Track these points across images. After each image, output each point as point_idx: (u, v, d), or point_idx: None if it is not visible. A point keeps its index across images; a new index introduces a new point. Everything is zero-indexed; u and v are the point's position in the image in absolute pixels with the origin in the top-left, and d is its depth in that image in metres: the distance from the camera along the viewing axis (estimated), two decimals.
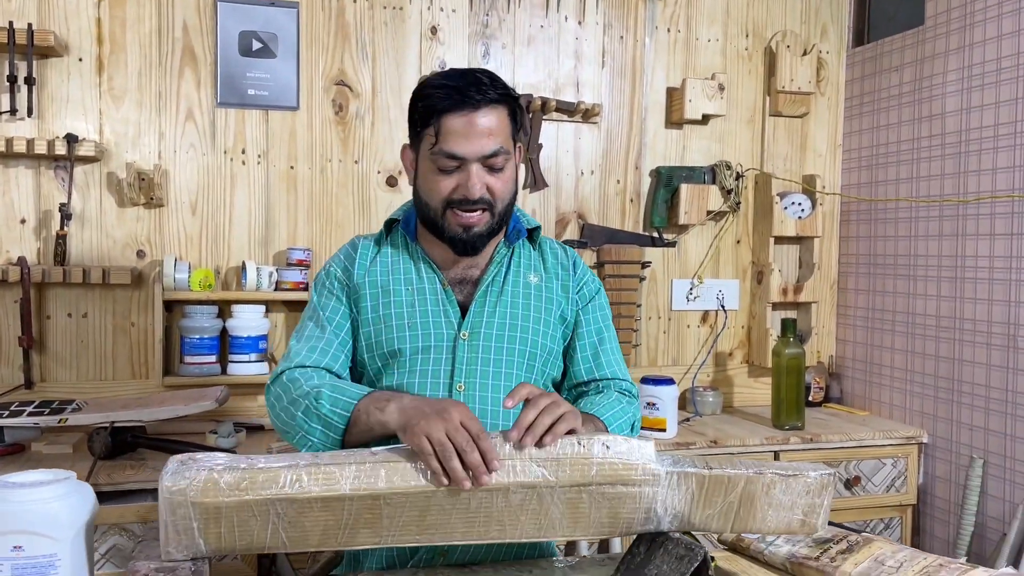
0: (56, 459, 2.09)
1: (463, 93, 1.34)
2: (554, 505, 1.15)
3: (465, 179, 1.35)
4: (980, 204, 2.41)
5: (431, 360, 1.40)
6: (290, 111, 2.52)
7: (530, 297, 1.47)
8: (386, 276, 1.46)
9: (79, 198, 2.37)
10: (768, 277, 2.86)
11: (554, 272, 1.52)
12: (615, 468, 1.14)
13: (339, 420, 1.26)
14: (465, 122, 1.33)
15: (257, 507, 1.07)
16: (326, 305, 1.46)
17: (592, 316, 1.54)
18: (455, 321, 1.42)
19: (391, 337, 1.41)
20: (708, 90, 2.77)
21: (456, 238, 1.39)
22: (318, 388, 1.30)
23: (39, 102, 2.32)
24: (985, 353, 2.39)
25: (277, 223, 2.53)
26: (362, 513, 1.10)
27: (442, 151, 1.35)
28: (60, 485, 1.10)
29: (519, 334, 1.44)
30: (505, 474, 1.12)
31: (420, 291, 1.44)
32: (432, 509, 1.11)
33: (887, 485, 2.57)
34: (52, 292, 2.37)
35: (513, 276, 1.48)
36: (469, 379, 1.40)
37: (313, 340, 1.43)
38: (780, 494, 1.22)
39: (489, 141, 1.35)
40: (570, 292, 1.53)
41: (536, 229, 1.54)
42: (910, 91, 2.68)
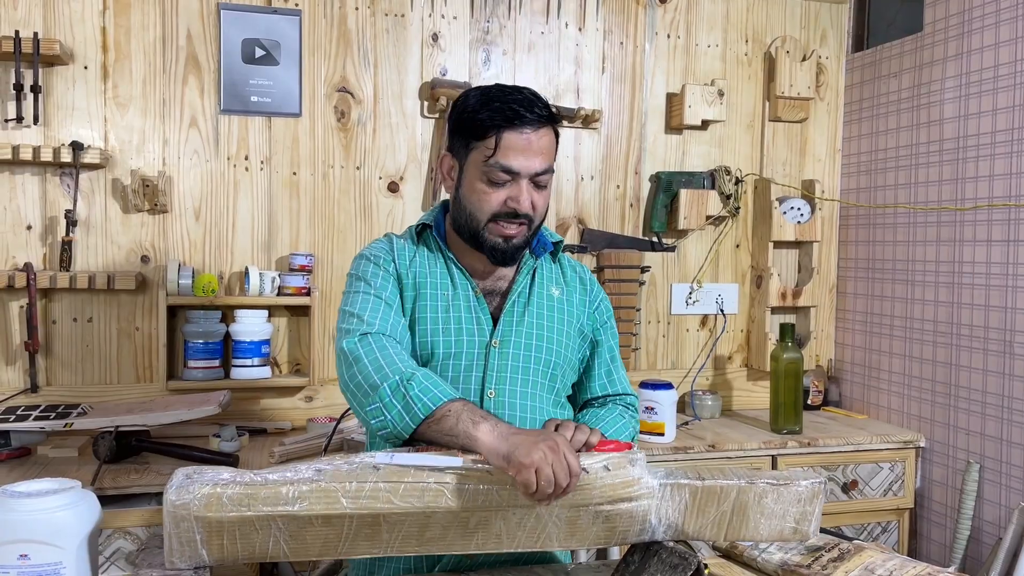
0: (61, 463, 2.12)
1: (527, 111, 1.40)
2: (552, 523, 1.18)
3: (516, 193, 1.41)
4: (977, 211, 2.42)
5: (463, 366, 1.44)
6: (293, 118, 2.55)
7: (553, 310, 1.53)
8: (423, 277, 1.49)
9: (84, 205, 2.40)
10: (767, 281, 2.88)
11: (573, 286, 1.59)
12: (614, 488, 1.17)
13: (422, 409, 1.26)
14: (524, 140, 1.40)
15: (259, 522, 1.09)
16: (381, 282, 1.46)
17: (608, 335, 1.62)
18: (487, 329, 1.47)
19: (425, 340, 1.45)
20: (708, 96, 2.78)
21: (496, 248, 1.44)
22: (412, 371, 1.31)
23: (45, 110, 2.35)
24: (982, 358, 2.41)
25: (280, 229, 2.55)
26: (362, 528, 1.12)
27: (499, 164, 1.40)
28: (65, 494, 1.12)
29: (544, 344, 1.49)
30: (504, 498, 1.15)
31: (455, 297, 1.48)
32: (432, 526, 1.14)
33: (884, 489, 2.59)
34: (58, 297, 2.40)
35: (538, 288, 1.53)
36: (499, 386, 1.45)
37: (380, 312, 1.42)
38: (772, 503, 1.24)
39: (541, 160, 1.42)
40: (587, 308, 1.59)
41: (559, 243, 1.59)
42: (909, 97, 2.70)
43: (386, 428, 1.30)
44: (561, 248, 1.60)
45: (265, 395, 2.53)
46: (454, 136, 1.48)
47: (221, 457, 2.12)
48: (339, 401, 2.50)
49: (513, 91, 1.44)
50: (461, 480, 1.14)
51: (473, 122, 1.42)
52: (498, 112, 1.40)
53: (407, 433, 1.28)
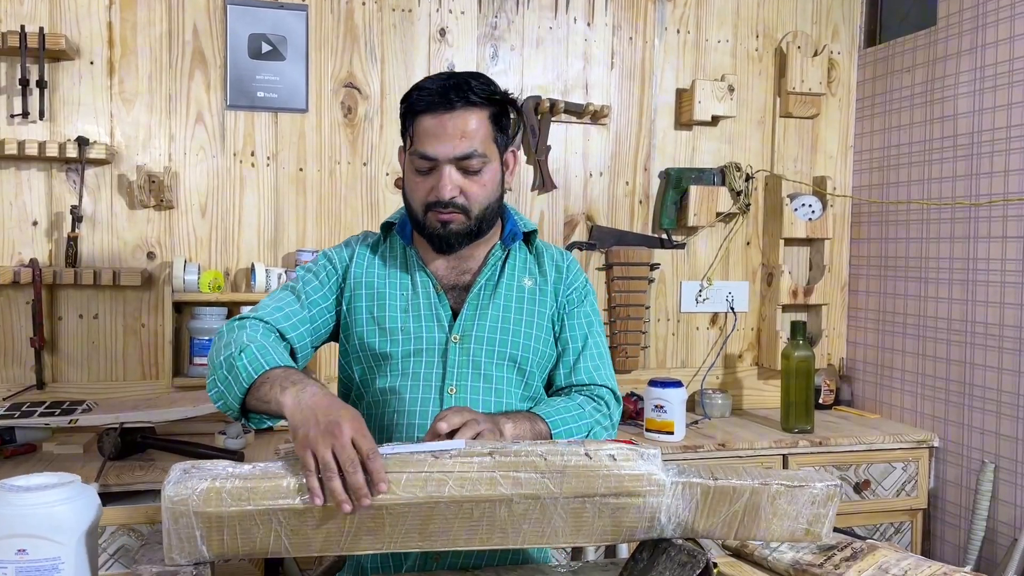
0: (66, 459, 2.11)
1: (440, 95, 1.34)
2: (557, 515, 1.15)
3: (436, 181, 1.36)
4: (992, 207, 2.39)
5: (423, 363, 1.41)
6: (299, 113, 2.53)
7: (523, 301, 1.47)
8: (382, 279, 1.46)
9: (90, 200, 2.39)
10: (778, 279, 2.85)
11: (549, 275, 1.51)
12: (621, 480, 1.14)
13: (246, 378, 1.22)
14: (437, 123, 1.34)
15: (259, 516, 1.07)
16: (309, 282, 1.46)
17: (577, 322, 1.52)
18: (446, 324, 1.43)
19: (384, 340, 1.42)
20: (718, 91, 2.75)
21: (434, 234, 1.40)
22: (249, 343, 1.26)
23: (51, 105, 2.34)
24: (997, 356, 2.37)
25: (286, 225, 2.54)
26: (365, 521, 1.10)
27: (416, 151, 1.36)
28: (64, 489, 1.10)
29: (510, 338, 1.43)
30: (508, 485, 1.12)
31: (414, 296, 1.44)
32: (435, 518, 1.11)
33: (897, 489, 2.55)
34: (63, 293, 2.39)
35: (507, 279, 1.48)
36: (460, 382, 1.41)
37: (283, 303, 1.41)
38: (785, 504, 1.21)
39: (462, 143, 1.35)
40: (560, 295, 1.51)
41: (533, 232, 1.53)
42: (922, 92, 2.66)
43: (220, 400, 1.27)
44: (536, 237, 1.53)
45: None
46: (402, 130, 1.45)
47: (226, 454, 2.11)
48: None
49: (440, 77, 1.39)
50: (464, 468, 1.12)
51: (402, 112, 1.41)
52: (415, 99, 1.36)
53: (236, 404, 1.24)
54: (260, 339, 1.29)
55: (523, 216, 1.54)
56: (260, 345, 1.26)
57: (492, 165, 1.40)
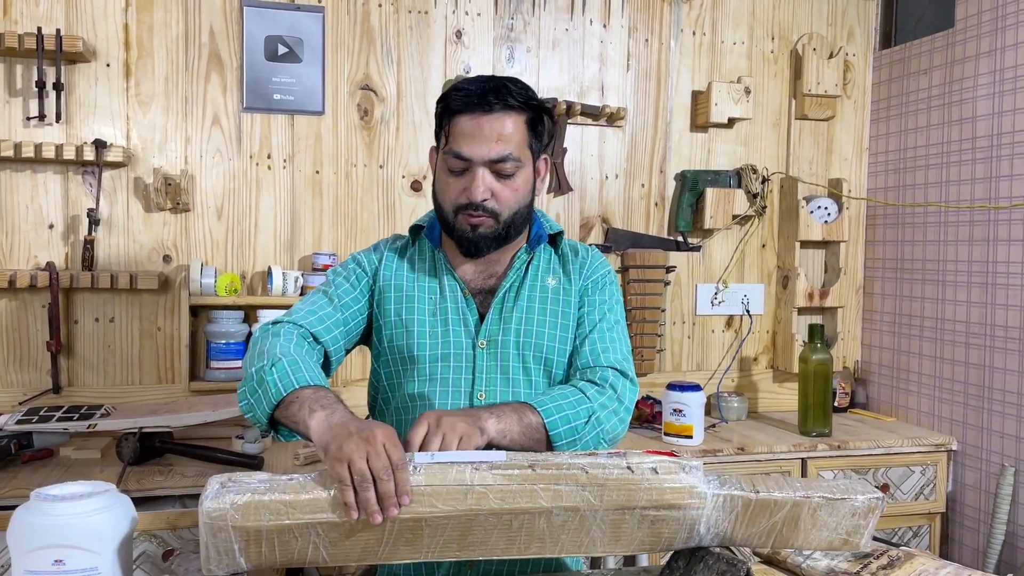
0: (84, 464, 2.10)
1: (478, 96, 1.34)
2: (596, 526, 1.14)
3: (470, 182, 1.35)
4: (1013, 210, 2.38)
5: (451, 368, 1.40)
6: (315, 116, 2.52)
7: (547, 301, 1.45)
8: (411, 282, 1.46)
9: (106, 203, 2.38)
10: (794, 281, 2.84)
11: (571, 272, 1.49)
12: (662, 493, 1.12)
13: (275, 395, 1.22)
14: (474, 124, 1.34)
15: (298, 529, 1.06)
16: (340, 285, 1.46)
17: (590, 309, 1.47)
18: (474, 329, 1.42)
19: (411, 343, 1.41)
20: (734, 93, 2.74)
21: (463, 237, 1.39)
22: (282, 356, 1.26)
23: (67, 108, 2.33)
24: (1017, 360, 2.36)
25: (302, 228, 2.53)
26: (403, 533, 1.09)
27: (451, 151, 1.36)
28: (101, 498, 1.09)
29: (534, 340, 1.42)
30: (548, 498, 1.11)
31: (442, 300, 1.43)
32: (474, 529, 1.10)
33: (916, 493, 2.54)
34: (80, 297, 2.38)
35: (531, 281, 1.46)
36: (489, 387, 1.40)
37: (316, 307, 1.41)
38: (826, 516, 1.20)
39: (497, 145, 1.34)
40: (580, 290, 1.48)
41: (559, 234, 1.51)
42: (939, 94, 2.65)
43: (250, 413, 1.26)
44: (562, 239, 1.50)
45: None
46: (436, 129, 1.45)
47: (245, 459, 2.10)
48: (363, 402, 2.47)
49: (480, 79, 1.39)
50: (505, 481, 1.10)
51: (439, 110, 1.40)
52: (453, 99, 1.36)
53: (264, 419, 1.24)
54: (293, 351, 1.28)
55: (549, 218, 1.53)
56: (292, 359, 1.26)
57: (525, 170, 1.39)
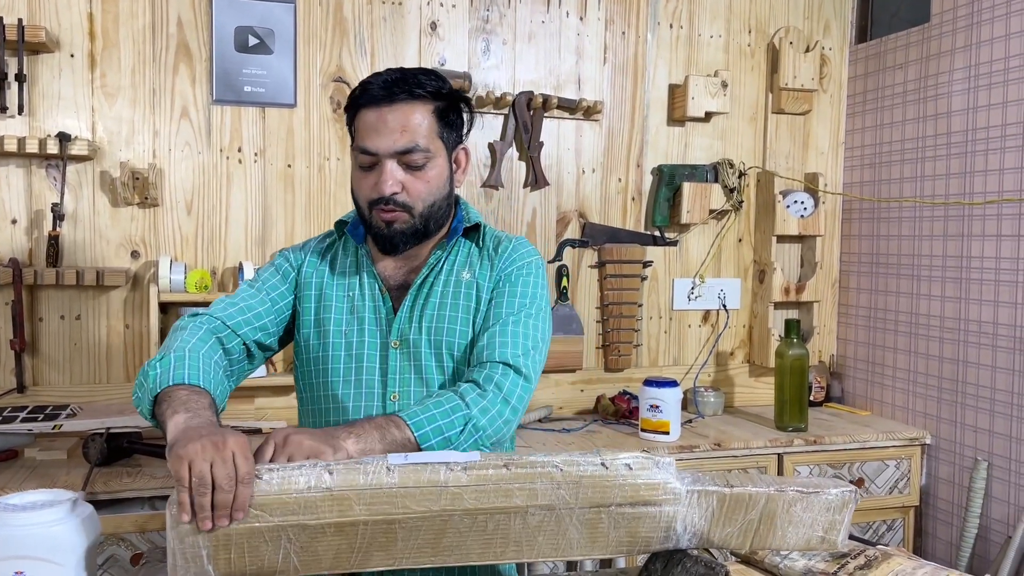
0: (50, 465, 2.05)
1: (382, 88, 1.32)
2: (572, 526, 1.13)
3: (378, 177, 1.33)
4: (987, 205, 2.39)
5: (364, 369, 1.37)
6: (287, 108, 2.47)
7: (459, 296, 1.39)
8: (329, 281, 1.43)
9: (71, 198, 2.32)
10: (770, 276, 2.84)
11: (485, 262, 1.43)
12: (637, 489, 1.12)
13: (152, 390, 1.19)
14: (377, 116, 1.31)
15: (268, 533, 1.03)
16: (267, 279, 1.44)
17: (496, 302, 1.39)
18: (387, 329, 1.39)
19: (326, 343, 1.38)
20: (711, 87, 2.73)
21: (379, 234, 1.36)
22: (172, 351, 1.23)
23: (30, 99, 2.26)
24: (991, 355, 2.38)
25: (274, 223, 2.48)
26: (376, 537, 1.07)
27: (358, 146, 1.34)
28: (64, 507, 1.06)
29: (444, 338, 1.37)
30: (524, 497, 1.09)
31: (360, 298, 1.40)
32: (449, 532, 1.08)
33: (890, 487, 2.56)
34: (44, 294, 2.32)
35: (446, 276, 1.41)
36: (403, 388, 1.37)
37: (238, 298, 1.40)
38: (801, 511, 1.20)
39: (403, 137, 1.31)
40: (494, 278, 1.42)
41: (475, 226, 1.45)
42: (915, 89, 2.66)
43: (138, 407, 1.24)
44: (481, 230, 1.44)
45: (260, 394, 2.46)
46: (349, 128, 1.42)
47: None
48: None
49: (386, 72, 1.36)
50: (479, 481, 1.09)
51: (347, 106, 1.38)
52: (358, 95, 1.34)
53: (148, 414, 1.21)
54: (188, 348, 1.25)
55: (472, 209, 1.48)
56: (179, 355, 1.22)
57: (437, 161, 1.35)
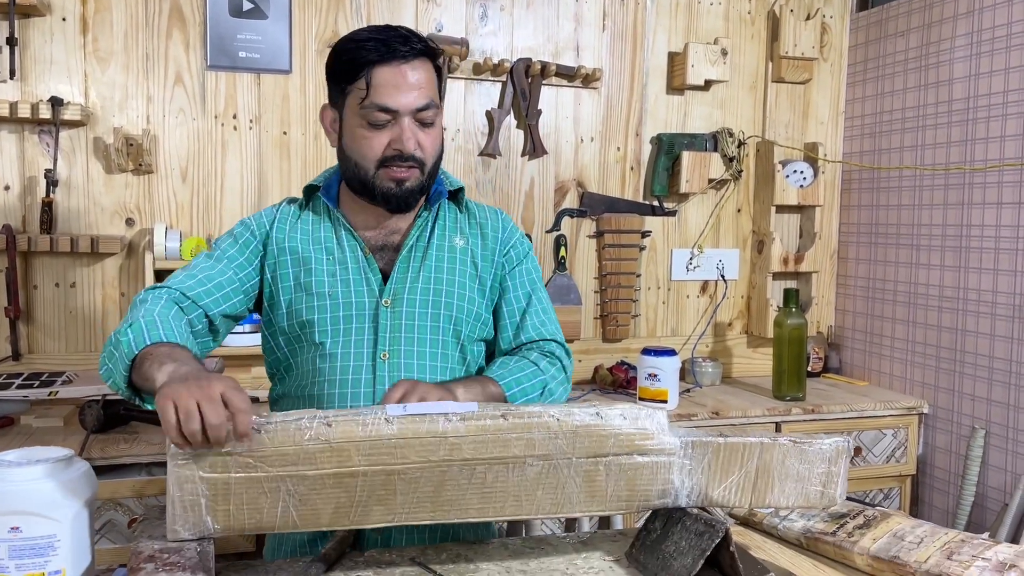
0: (47, 432, 2.04)
1: (391, 45, 1.30)
2: (570, 479, 1.14)
3: (399, 133, 1.31)
4: (987, 173, 2.37)
5: (353, 330, 1.36)
6: (283, 75, 2.44)
7: (455, 261, 1.42)
8: (307, 244, 1.40)
9: (65, 164, 2.30)
10: (769, 246, 2.82)
11: (481, 234, 1.46)
12: (631, 438, 1.15)
13: (128, 353, 1.16)
14: (396, 73, 1.30)
15: (267, 483, 1.03)
16: (226, 250, 1.40)
17: (519, 281, 1.48)
18: (376, 288, 1.38)
19: (311, 306, 1.36)
20: (711, 55, 2.70)
21: (389, 194, 1.34)
22: (141, 318, 1.21)
23: (22, 64, 2.23)
24: (989, 323, 2.37)
25: (270, 191, 2.46)
26: (375, 489, 1.06)
27: (374, 104, 1.30)
28: (58, 463, 1.05)
29: (443, 299, 1.39)
30: (521, 447, 1.10)
31: (341, 260, 1.39)
32: (447, 484, 1.08)
33: (887, 456, 2.56)
34: (39, 261, 2.30)
35: (437, 240, 1.43)
36: (393, 347, 1.36)
37: (196, 270, 1.37)
38: (796, 463, 1.21)
39: (420, 94, 1.31)
40: (496, 255, 1.47)
41: (460, 190, 1.47)
42: (916, 57, 2.63)
43: (109, 379, 1.22)
44: (463, 195, 1.47)
45: (256, 363, 2.45)
46: (330, 83, 1.38)
47: None
48: None
49: (383, 28, 1.34)
50: (478, 431, 1.09)
51: (341, 63, 1.33)
52: (365, 49, 1.30)
53: (123, 382, 1.18)
54: (156, 314, 1.23)
55: (449, 174, 1.48)
56: (150, 320, 1.21)
57: (440, 117, 1.38)
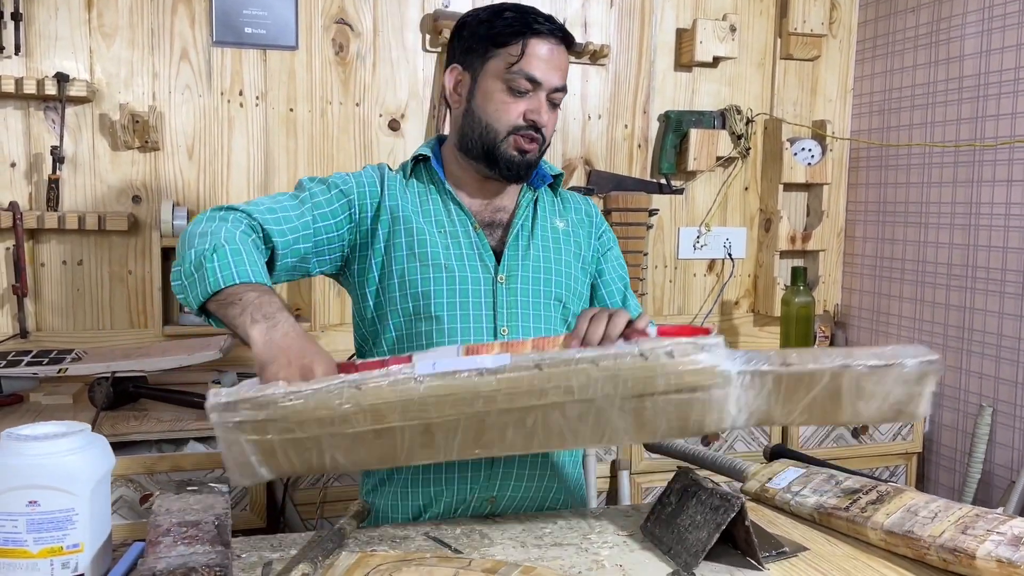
0: (56, 410, 2.04)
1: (556, 26, 1.37)
2: (616, 416, 1.08)
3: (536, 105, 1.37)
4: (998, 150, 2.36)
5: (470, 304, 1.37)
6: (289, 51, 2.42)
7: (559, 242, 1.47)
8: (416, 214, 1.41)
9: (71, 141, 2.28)
10: (776, 225, 2.82)
11: (577, 219, 1.53)
12: (680, 376, 1.06)
13: (213, 284, 1.15)
14: (549, 50, 1.36)
15: (309, 442, 1.05)
16: (317, 192, 1.37)
17: (616, 264, 1.57)
18: (491, 265, 1.40)
19: (427, 277, 1.36)
20: (719, 31, 2.68)
21: (512, 161, 1.38)
22: (225, 243, 1.18)
23: (27, 40, 2.22)
24: (998, 301, 2.37)
25: (277, 168, 2.45)
26: (415, 438, 1.07)
27: (523, 72, 1.34)
28: (76, 437, 1.05)
29: (553, 277, 1.43)
30: (559, 395, 1.06)
31: (453, 234, 1.40)
32: (487, 429, 1.07)
33: (893, 433, 2.57)
34: (46, 239, 2.30)
35: (541, 221, 1.47)
36: (511, 323, 1.39)
37: (279, 206, 1.32)
38: (872, 386, 1.10)
39: (561, 76, 1.38)
40: (592, 239, 1.54)
41: (559, 176, 1.53)
42: (926, 33, 2.61)
43: (182, 294, 1.21)
44: (561, 181, 1.54)
45: None
46: (467, 49, 1.40)
47: None
48: (342, 347, 2.43)
49: (525, 7, 1.40)
50: (512, 386, 1.05)
51: (492, 28, 1.37)
52: (520, 19, 1.36)
53: (196, 304, 1.18)
54: (238, 241, 1.20)
55: (547, 160, 1.52)
56: (235, 248, 1.18)
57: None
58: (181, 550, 0.96)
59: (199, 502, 1.09)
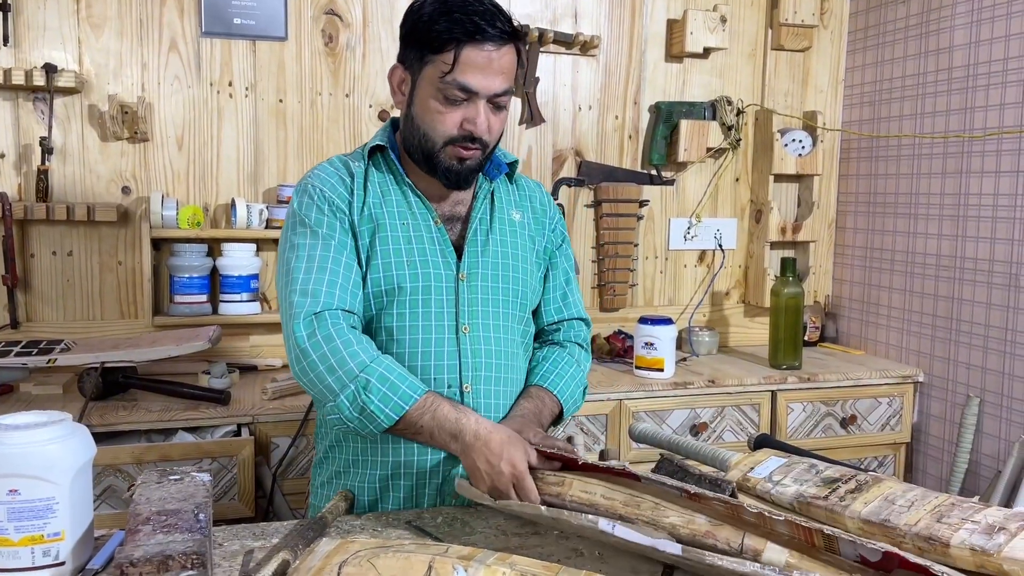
0: (46, 400, 2.05)
1: (487, 24, 1.27)
2: None
3: (473, 115, 1.30)
4: (986, 141, 2.37)
5: (432, 301, 1.37)
6: (278, 41, 2.42)
7: (516, 235, 1.47)
8: (379, 208, 1.38)
9: (60, 132, 2.28)
10: (767, 216, 2.82)
11: (531, 208, 1.52)
12: None
13: (386, 420, 1.26)
14: (485, 57, 1.28)
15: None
16: (332, 226, 1.35)
17: (563, 257, 1.56)
18: (452, 261, 1.39)
19: (389, 275, 1.35)
20: (710, 22, 2.68)
21: (450, 170, 1.34)
22: (367, 375, 1.25)
23: (15, 30, 2.21)
24: (986, 292, 2.38)
25: (266, 159, 2.45)
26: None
27: (456, 82, 1.28)
28: (57, 427, 1.05)
29: (511, 273, 1.43)
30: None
31: (415, 227, 1.38)
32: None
33: (882, 424, 2.58)
34: (35, 229, 2.30)
35: (498, 213, 1.46)
36: (472, 320, 1.38)
37: (339, 276, 1.32)
38: None
39: (502, 80, 1.31)
40: (545, 230, 1.53)
41: (514, 164, 1.50)
42: (917, 24, 2.61)
43: (355, 425, 1.28)
44: (516, 169, 1.51)
45: (255, 331, 2.46)
46: (407, 46, 1.33)
47: (211, 394, 2.06)
48: None
49: (474, 1, 1.29)
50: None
51: (429, 32, 1.27)
52: (458, 24, 1.26)
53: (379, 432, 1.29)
54: (370, 359, 1.27)
55: (501, 148, 1.49)
56: (380, 375, 1.25)
57: (510, 102, 1.39)
58: (160, 538, 0.97)
59: (180, 491, 1.10)
